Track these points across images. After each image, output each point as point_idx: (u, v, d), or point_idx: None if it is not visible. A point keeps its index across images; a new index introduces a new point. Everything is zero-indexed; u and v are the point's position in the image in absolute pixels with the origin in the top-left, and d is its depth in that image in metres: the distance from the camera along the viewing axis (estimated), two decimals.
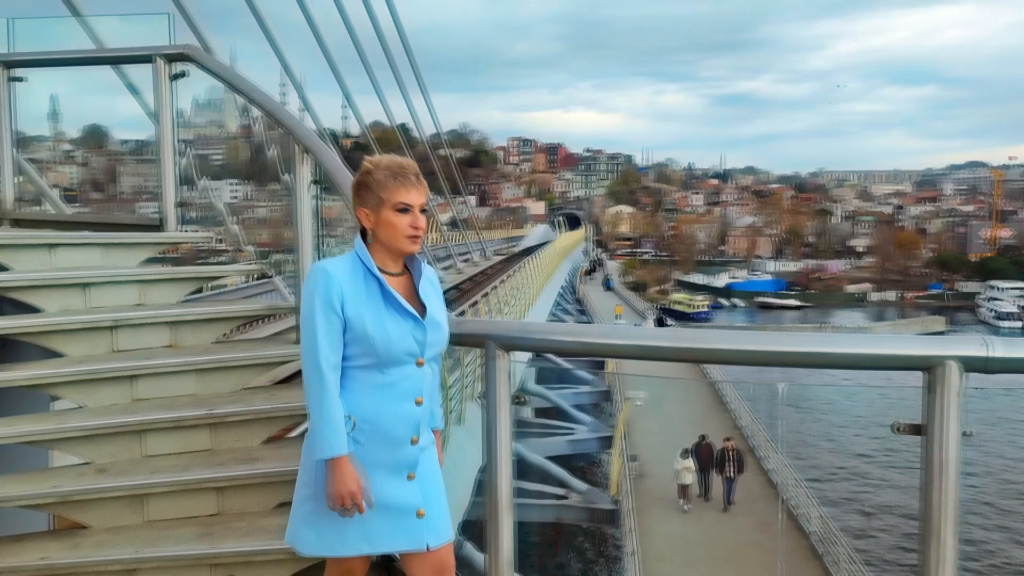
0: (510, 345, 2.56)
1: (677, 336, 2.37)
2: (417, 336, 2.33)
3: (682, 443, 21.24)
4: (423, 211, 2.37)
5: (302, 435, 4.51)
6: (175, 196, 4.76)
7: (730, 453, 20.30)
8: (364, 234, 2.38)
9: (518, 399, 2.67)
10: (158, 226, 4.81)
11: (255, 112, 5.00)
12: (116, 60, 5.64)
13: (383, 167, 2.35)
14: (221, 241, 6.40)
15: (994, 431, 32.19)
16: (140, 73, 5.52)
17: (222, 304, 4.68)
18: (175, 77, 4.74)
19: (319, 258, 4.25)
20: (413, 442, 2.36)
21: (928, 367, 2.12)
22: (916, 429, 2.17)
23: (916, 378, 2.18)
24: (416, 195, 2.35)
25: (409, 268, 2.42)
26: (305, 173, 4.11)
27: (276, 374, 4.70)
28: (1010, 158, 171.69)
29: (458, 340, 2.67)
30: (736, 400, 28.65)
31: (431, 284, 2.45)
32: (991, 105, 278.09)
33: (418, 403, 2.36)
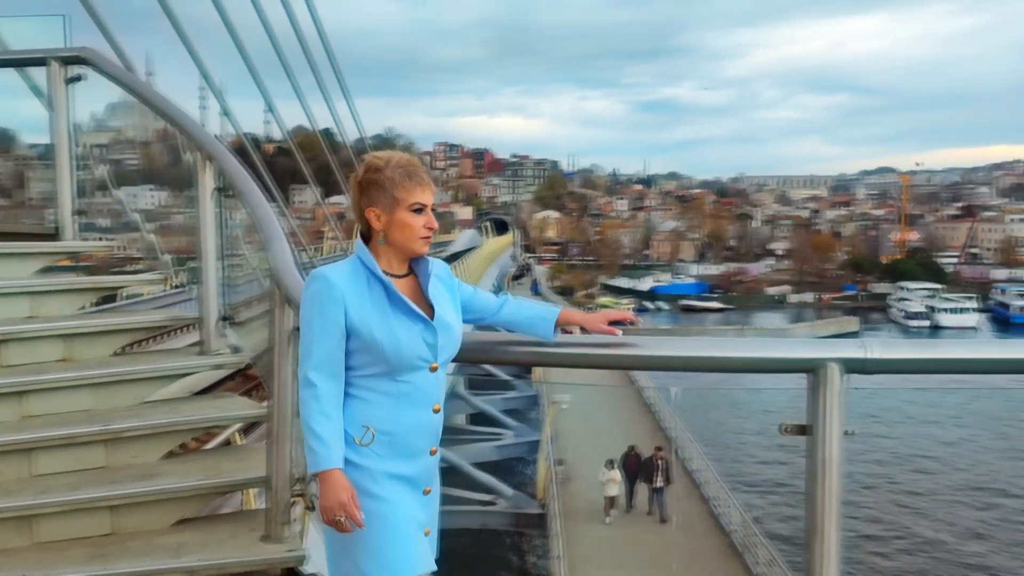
0: None
1: (568, 342, 2.38)
2: (428, 339, 2.21)
3: (608, 445, 21.43)
4: (432, 210, 2.29)
5: (215, 448, 4.40)
6: (71, 204, 4.59)
7: (659, 462, 19.56)
8: (364, 236, 2.26)
9: None
10: (54, 235, 4.63)
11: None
12: (7, 63, 5.41)
13: (395, 165, 2.23)
14: (138, 250, 6.19)
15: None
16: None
17: (121, 315, 4.53)
18: (71, 80, 4.57)
19: (223, 268, 4.16)
20: (432, 453, 2.27)
21: (811, 369, 2.19)
22: (802, 429, 2.23)
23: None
24: (429, 194, 2.26)
25: (414, 269, 2.30)
26: (208, 180, 4.01)
27: (193, 385, 4.57)
28: (917, 164, 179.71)
29: None
30: (661, 403, 29.14)
31: (442, 283, 2.33)
32: (899, 113, 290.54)
33: (435, 411, 2.25)
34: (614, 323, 2.34)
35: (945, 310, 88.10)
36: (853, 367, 2.18)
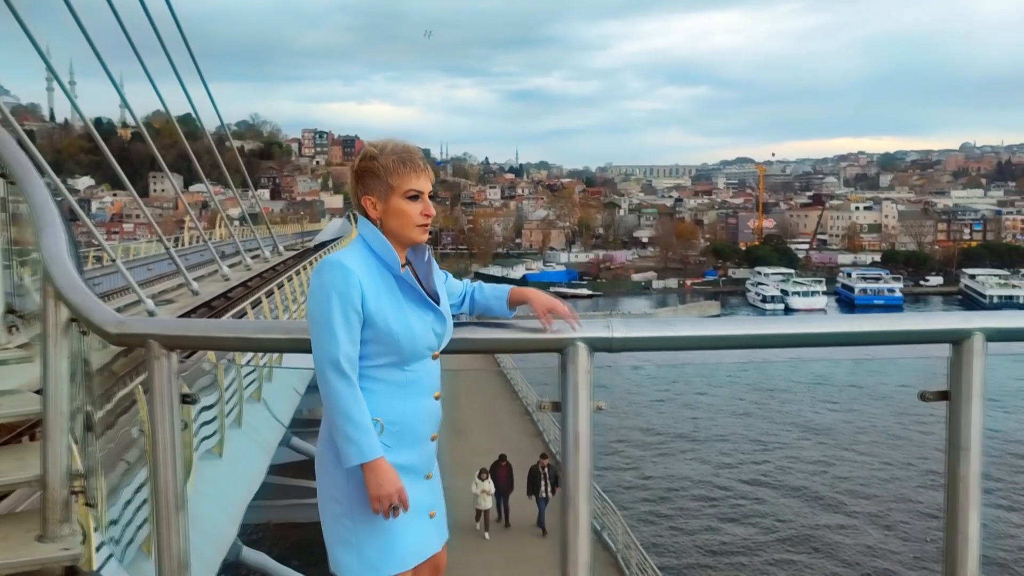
0: (173, 343, 2.49)
1: None
2: (437, 329, 2.24)
3: (473, 430, 21.53)
4: (431, 196, 2.28)
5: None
6: None
7: (544, 471, 18.18)
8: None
9: (188, 398, 2.61)
10: None
11: None
12: None
13: (389, 151, 2.21)
14: None
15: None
16: None
17: None
18: None
19: (9, 259, 3.95)
20: (432, 439, 2.30)
21: (560, 349, 2.29)
22: (556, 406, 2.34)
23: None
24: (426, 180, 2.25)
25: (410, 258, 2.29)
26: None
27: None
28: (772, 155, 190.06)
29: (119, 340, 2.57)
30: (525, 386, 29.62)
31: (434, 269, 2.35)
32: (755, 106, 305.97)
33: (436, 398, 2.29)
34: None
35: (797, 293, 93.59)
36: (598, 346, 2.29)
